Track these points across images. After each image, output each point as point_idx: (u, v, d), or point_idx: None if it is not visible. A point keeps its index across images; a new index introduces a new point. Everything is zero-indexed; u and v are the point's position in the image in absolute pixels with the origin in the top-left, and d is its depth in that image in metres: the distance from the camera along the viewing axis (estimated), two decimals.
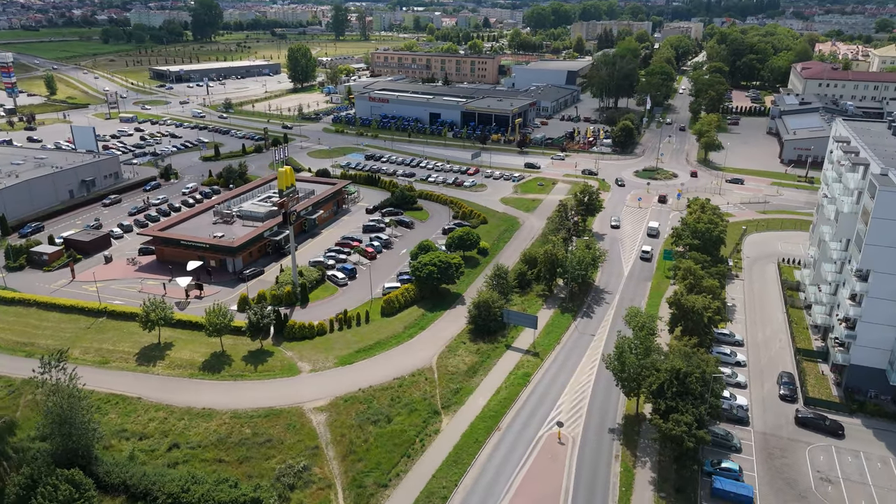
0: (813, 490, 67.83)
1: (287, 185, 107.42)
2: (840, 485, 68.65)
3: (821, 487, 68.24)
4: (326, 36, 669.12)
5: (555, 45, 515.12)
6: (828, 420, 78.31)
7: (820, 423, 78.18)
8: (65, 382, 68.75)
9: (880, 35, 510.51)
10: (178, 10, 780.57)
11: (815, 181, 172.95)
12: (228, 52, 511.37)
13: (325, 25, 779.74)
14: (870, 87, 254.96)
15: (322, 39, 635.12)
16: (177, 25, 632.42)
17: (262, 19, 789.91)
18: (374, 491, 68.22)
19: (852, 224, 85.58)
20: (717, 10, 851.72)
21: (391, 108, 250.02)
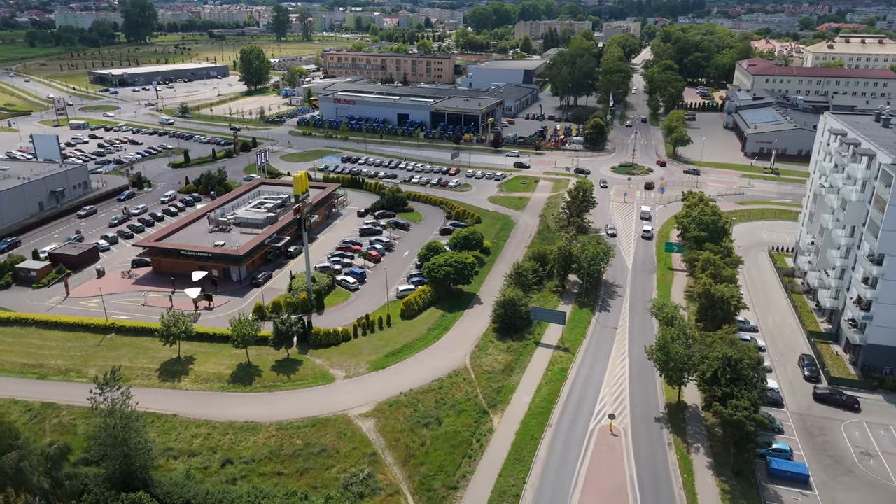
0: (857, 464, 71.91)
1: (302, 191, 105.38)
2: (880, 457, 72.99)
3: (863, 461, 72.42)
4: (267, 37, 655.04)
5: (501, 45, 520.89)
6: (844, 395, 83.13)
7: (837, 398, 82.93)
8: (119, 402, 65.64)
9: (805, 32, 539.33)
10: (105, 10, 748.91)
11: (781, 172, 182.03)
12: (166, 54, 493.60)
13: (263, 26, 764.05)
14: (813, 83, 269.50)
15: (263, 40, 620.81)
16: (107, 27, 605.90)
17: (196, 20, 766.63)
18: (445, 494, 68.17)
19: (860, 212, 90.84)
20: (647, 10, 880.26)
21: (357, 109, 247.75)
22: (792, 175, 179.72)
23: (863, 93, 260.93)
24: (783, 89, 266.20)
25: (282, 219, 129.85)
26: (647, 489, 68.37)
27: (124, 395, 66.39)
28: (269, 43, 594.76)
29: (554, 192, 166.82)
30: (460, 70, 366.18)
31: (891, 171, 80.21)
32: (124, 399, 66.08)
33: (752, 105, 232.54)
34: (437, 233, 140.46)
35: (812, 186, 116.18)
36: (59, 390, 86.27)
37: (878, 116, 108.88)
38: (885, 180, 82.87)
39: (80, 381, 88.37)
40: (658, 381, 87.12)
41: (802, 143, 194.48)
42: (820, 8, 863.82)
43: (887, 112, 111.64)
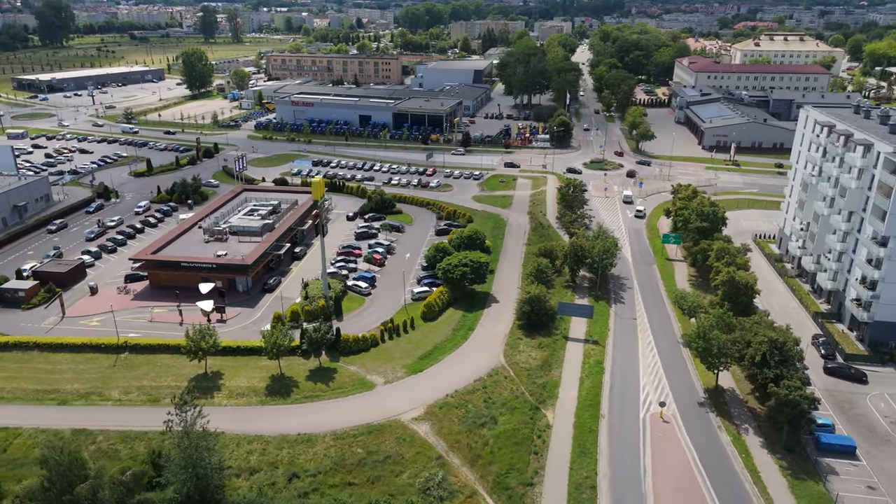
0: (892, 433, 77.23)
1: (320, 196, 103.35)
2: None
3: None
4: (194, 38, 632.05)
5: (440, 45, 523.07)
6: (853, 369, 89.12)
7: (847, 371, 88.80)
8: (191, 422, 62.86)
9: (725, 31, 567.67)
10: (11, 11, 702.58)
11: (741, 164, 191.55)
12: (89, 57, 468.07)
13: (187, 27, 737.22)
14: (750, 78, 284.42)
15: (190, 42, 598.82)
16: (18, 29, 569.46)
17: (114, 21, 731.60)
18: (523, 491, 68.80)
19: (859, 198, 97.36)
20: (572, 10, 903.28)
21: (317, 111, 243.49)
22: (751, 166, 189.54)
23: (796, 87, 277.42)
24: (724, 85, 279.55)
25: (279, 225, 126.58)
26: (711, 471, 71.17)
27: (199, 413, 63.54)
28: (198, 44, 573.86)
29: (534, 189, 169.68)
30: (408, 70, 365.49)
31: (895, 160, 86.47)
32: (199, 418, 63.29)
33: (701, 101, 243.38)
34: (432, 234, 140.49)
35: (796, 176, 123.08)
36: (86, 415, 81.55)
37: (858, 108, 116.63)
38: (889, 167, 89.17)
39: (105, 405, 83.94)
40: (691, 368, 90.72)
41: (756, 136, 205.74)
42: (729, 7, 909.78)
43: (866, 104, 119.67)
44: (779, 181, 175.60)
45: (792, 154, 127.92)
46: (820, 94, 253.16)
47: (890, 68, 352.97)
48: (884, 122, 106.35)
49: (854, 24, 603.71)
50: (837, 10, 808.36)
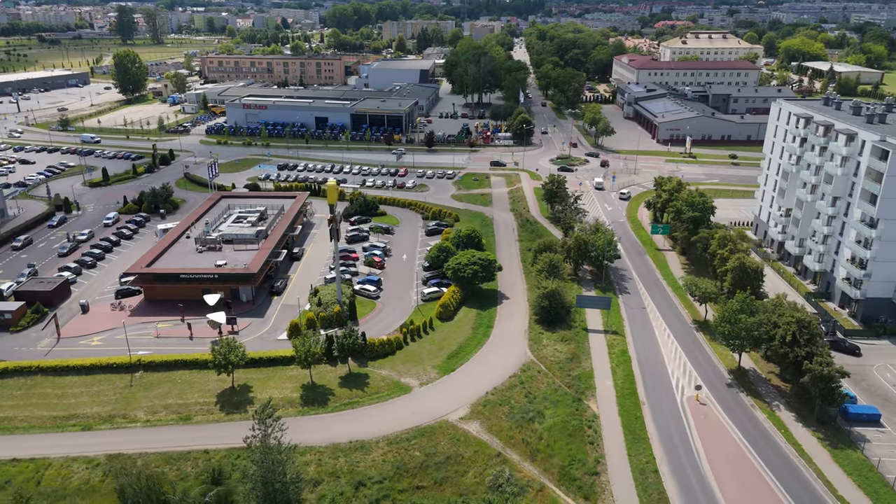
0: None
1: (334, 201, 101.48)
2: None
3: None
4: (109, 40, 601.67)
5: (374, 45, 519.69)
6: (847, 343, 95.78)
7: (841, 345, 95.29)
8: (271, 438, 60.82)
9: (647, 30, 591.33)
10: None
11: (697, 156, 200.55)
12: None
13: (100, 28, 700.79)
14: (688, 74, 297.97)
15: (106, 44, 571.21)
16: None
17: (18, 23, 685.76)
18: (591, 480, 70.26)
19: (845, 184, 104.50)
20: (495, 10, 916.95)
21: (271, 114, 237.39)
22: (707, 158, 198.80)
23: (730, 82, 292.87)
24: (664, 81, 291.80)
25: (273, 232, 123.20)
26: (758, 448, 74.86)
27: (279, 427, 61.54)
28: (115, 46, 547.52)
29: (510, 187, 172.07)
30: (350, 71, 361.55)
31: (889, 148, 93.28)
32: (280, 431, 61.32)
33: (648, 97, 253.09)
34: (422, 234, 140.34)
35: (771, 165, 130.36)
36: (116, 439, 77.21)
37: (827, 101, 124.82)
38: (877, 154, 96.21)
39: (133, 427, 79.72)
40: (709, 351, 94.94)
41: (705, 129, 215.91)
42: (643, 7, 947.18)
43: (836, 97, 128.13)
44: (735, 171, 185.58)
45: (765, 145, 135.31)
46: (753, 89, 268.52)
47: (805, 63, 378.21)
48: (856, 114, 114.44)
49: (762, 23, 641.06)
50: (742, 8, 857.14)
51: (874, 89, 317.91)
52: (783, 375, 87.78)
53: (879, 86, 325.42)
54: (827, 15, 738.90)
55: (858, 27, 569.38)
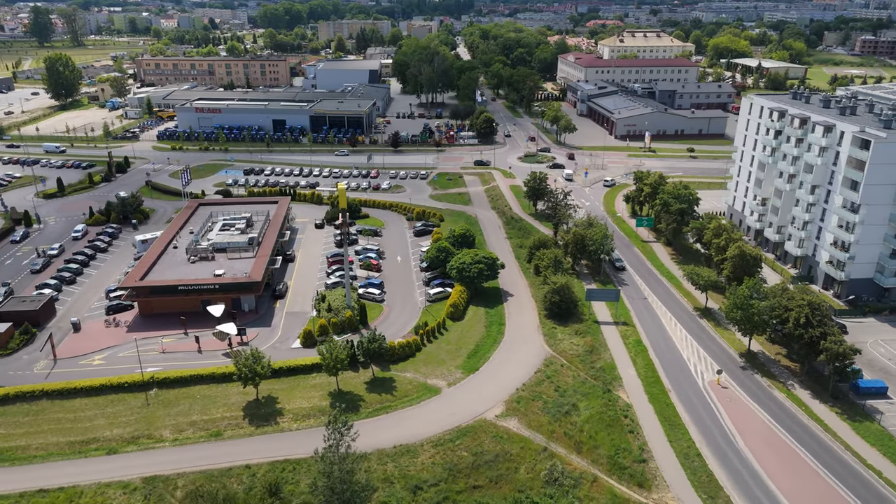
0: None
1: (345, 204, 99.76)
2: None
3: None
4: (25, 42, 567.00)
5: (312, 46, 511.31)
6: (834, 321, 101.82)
7: None
8: (346, 443, 59.66)
9: (580, 29, 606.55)
10: None
11: (656, 150, 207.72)
12: None
13: (10, 30, 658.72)
14: (633, 72, 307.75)
15: (22, 46, 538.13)
16: None
17: None
18: (640, 468, 72.11)
19: (825, 173, 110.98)
20: (427, 10, 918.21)
21: (225, 118, 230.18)
22: (666, 152, 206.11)
23: (672, 79, 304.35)
24: (611, 79, 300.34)
25: (266, 239, 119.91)
26: (785, 425, 78.68)
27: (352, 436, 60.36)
28: (32, 49, 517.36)
29: (485, 185, 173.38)
30: (296, 72, 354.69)
31: (870, 138, 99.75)
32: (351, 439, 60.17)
33: (601, 94, 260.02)
34: (410, 235, 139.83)
35: (744, 157, 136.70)
36: (147, 460, 73.77)
37: (796, 95, 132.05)
38: (858, 143, 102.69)
39: (161, 447, 76.31)
40: (716, 336, 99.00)
41: (660, 125, 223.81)
42: (568, 6, 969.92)
43: (805, 91, 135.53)
44: (694, 164, 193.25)
45: (737, 138, 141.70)
46: (696, 85, 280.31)
47: (734, 60, 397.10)
48: (826, 106, 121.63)
49: (684, 22, 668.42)
50: (663, 8, 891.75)
51: (801, 83, 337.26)
52: (790, 356, 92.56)
53: (805, 80, 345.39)
54: (742, 14, 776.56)
55: (775, 25, 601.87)
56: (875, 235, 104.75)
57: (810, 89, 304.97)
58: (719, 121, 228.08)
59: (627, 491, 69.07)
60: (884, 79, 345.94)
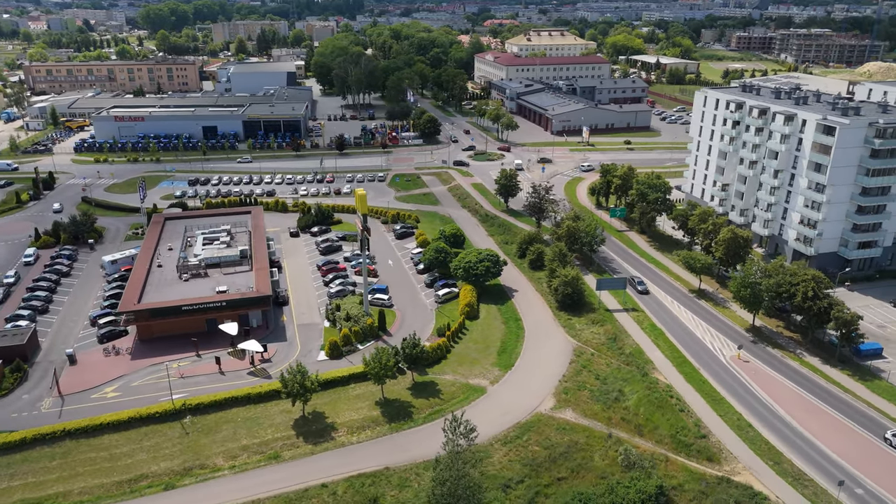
0: (885, 335, 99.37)
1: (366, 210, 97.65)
2: (888, 326, 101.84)
3: (885, 330, 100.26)
4: None
5: (210, 48, 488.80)
6: None
7: None
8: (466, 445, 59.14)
9: (480, 29, 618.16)
10: None
11: (595, 145, 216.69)
12: None
13: None
14: (551, 69, 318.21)
15: None
16: None
17: None
18: (704, 444, 75.90)
19: (789, 158, 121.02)
20: (316, 10, 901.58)
21: (149, 126, 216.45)
22: (604, 146, 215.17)
23: (588, 75, 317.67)
24: (531, 77, 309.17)
25: (258, 251, 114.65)
26: (810, 389, 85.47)
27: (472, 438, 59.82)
28: None
29: (446, 185, 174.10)
30: (207, 76, 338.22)
31: (833, 124, 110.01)
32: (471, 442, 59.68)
33: (529, 91, 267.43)
34: (392, 238, 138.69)
35: (701, 147, 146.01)
36: (212, 490, 69.91)
37: (745, 87, 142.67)
38: (822, 130, 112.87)
39: (222, 475, 72.31)
40: (718, 314, 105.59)
41: (592, 119, 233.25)
42: (455, 6, 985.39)
43: (756, 85, 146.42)
44: (633, 155, 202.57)
45: (692, 129, 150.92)
46: (613, 81, 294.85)
47: (633, 57, 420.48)
48: (777, 97, 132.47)
49: (574, 21, 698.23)
50: (549, 7, 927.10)
51: (697, 77, 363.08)
52: (789, 327, 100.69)
53: (699, 74, 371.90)
54: (622, 13, 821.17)
55: (657, 24, 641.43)
56: (839, 212, 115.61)
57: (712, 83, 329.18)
58: (645, 114, 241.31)
59: (700, 466, 72.79)
60: (766, 72, 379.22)
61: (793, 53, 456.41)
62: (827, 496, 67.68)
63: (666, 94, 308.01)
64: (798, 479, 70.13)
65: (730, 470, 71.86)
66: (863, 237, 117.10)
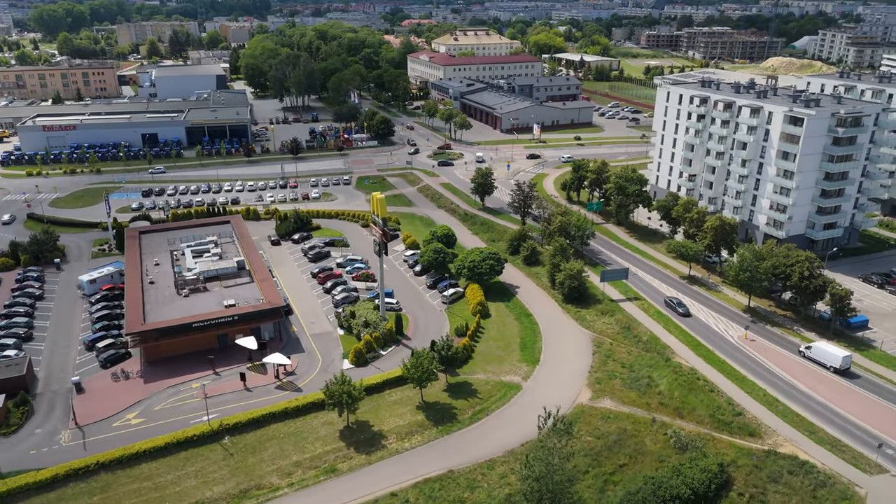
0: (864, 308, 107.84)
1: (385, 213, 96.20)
2: (864, 300, 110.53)
3: (867, 302, 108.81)
4: None
5: (118, 50, 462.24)
6: None
7: None
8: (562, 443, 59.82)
9: (399, 29, 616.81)
10: None
11: (546, 141, 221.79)
12: None
13: None
14: (486, 69, 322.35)
15: None
16: None
17: None
18: (742, 421, 79.59)
19: (757, 148, 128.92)
20: (222, 10, 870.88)
21: (82, 135, 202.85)
22: (556, 142, 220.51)
23: (523, 74, 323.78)
24: (468, 76, 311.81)
25: (254, 261, 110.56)
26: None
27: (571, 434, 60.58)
28: None
29: (415, 185, 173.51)
30: (127, 80, 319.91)
31: (800, 115, 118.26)
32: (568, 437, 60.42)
33: (472, 90, 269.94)
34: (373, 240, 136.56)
35: (665, 140, 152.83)
36: None
37: (704, 82, 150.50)
38: (790, 121, 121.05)
39: (282, 495, 69.92)
40: (712, 297, 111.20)
41: (539, 117, 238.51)
42: (366, 6, 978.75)
43: (715, 80, 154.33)
44: (585, 150, 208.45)
45: (655, 123, 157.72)
46: (548, 79, 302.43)
47: (556, 55, 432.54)
48: (737, 91, 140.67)
49: (489, 20, 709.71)
50: (460, 7, 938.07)
51: (620, 74, 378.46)
52: (780, 306, 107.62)
53: (622, 71, 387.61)
54: (533, 13, 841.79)
55: (573, 23, 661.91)
56: (806, 197, 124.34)
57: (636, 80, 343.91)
58: (587, 111, 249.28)
59: (745, 442, 76.69)
60: (683, 68, 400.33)
61: (700, 50, 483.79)
62: (865, 459, 73.07)
63: (598, 91, 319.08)
64: (835, 445, 75.28)
65: (773, 443, 76.16)
66: (827, 219, 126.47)
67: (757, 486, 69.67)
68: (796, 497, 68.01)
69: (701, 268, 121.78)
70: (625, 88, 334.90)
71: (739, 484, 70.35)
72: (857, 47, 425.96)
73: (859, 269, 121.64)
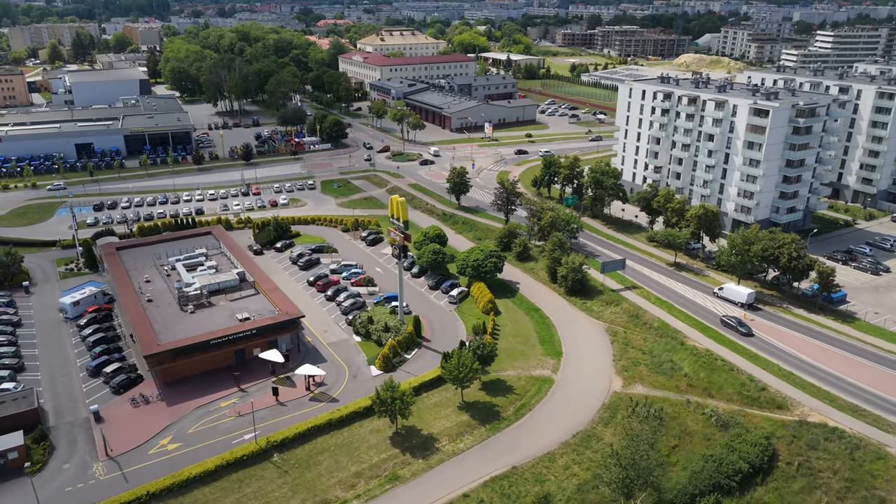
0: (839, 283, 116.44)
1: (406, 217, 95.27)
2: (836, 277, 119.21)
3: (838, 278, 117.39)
4: None
5: (13, 55, 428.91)
6: None
7: None
8: None
9: (316, 29, 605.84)
10: None
11: (499, 139, 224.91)
12: None
13: None
14: (422, 68, 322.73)
15: None
16: None
17: None
18: (768, 395, 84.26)
19: (723, 139, 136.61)
20: (118, 11, 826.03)
21: (8, 147, 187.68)
22: (508, 140, 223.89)
23: (459, 73, 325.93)
24: (405, 76, 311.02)
25: (254, 272, 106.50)
26: (815, 335, 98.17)
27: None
28: None
29: (382, 187, 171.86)
30: (39, 88, 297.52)
31: (767, 108, 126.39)
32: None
33: (414, 91, 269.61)
34: (364, 245, 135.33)
35: (629, 135, 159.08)
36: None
37: (663, 79, 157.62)
38: (755, 113, 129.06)
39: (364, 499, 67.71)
40: (701, 281, 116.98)
41: (487, 115, 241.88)
42: (272, 6, 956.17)
43: (674, 77, 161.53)
44: (538, 147, 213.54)
45: (618, 118, 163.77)
46: (486, 78, 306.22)
47: (483, 54, 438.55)
48: (697, 86, 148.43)
49: (404, 20, 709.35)
50: (372, 7, 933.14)
51: (548, 72, 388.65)
52: (765, 286, 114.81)
53: (549, 69, 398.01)
54: (444, 13, 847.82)
55: (491, 22, 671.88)
56: (771, 184, 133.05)
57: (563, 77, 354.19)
58: (531, 108, 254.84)
59: (776, 415, 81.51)
60: (606, 65, 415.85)
61: (615, 48, 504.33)
62: (884, 421, 79.50)
63: (531, 89, 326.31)
64: (856, 411, 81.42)
65: (801, 413, 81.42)
66: (789, 203, 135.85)
67: (801, 455, 74.38)
68: (838, 461, 73.13)
69: (684, 255, 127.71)
70: (556, 86, 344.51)
71: (784, 454, 74.88)
72: (758, 43, 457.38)
73: (819, 248, 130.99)
